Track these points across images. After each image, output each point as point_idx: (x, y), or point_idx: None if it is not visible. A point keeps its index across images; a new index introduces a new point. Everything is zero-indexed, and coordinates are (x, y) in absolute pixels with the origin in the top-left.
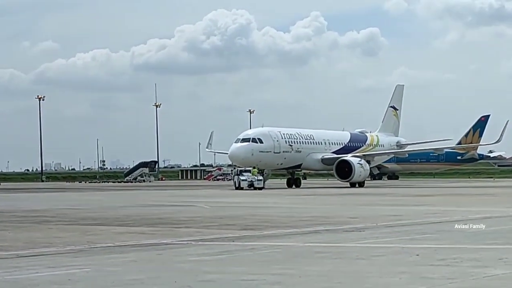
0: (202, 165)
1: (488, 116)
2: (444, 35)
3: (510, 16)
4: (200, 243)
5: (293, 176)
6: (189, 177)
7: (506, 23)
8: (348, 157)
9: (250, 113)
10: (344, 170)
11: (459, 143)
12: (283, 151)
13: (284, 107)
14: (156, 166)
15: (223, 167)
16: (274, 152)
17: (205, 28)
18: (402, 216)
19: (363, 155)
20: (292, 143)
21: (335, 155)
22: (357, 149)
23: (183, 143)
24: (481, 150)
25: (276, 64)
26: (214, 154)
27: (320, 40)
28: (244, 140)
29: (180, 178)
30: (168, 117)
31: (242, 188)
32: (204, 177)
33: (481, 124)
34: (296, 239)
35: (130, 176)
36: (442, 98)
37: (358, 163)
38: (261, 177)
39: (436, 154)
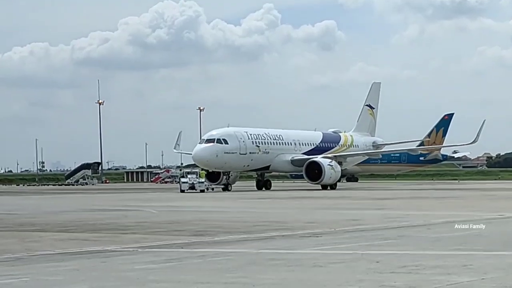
0: (149, 166)
1: (452, 114)
2: (404, 29)
3: (472, 9)
4: (147, 250)
5: (263, 178)
6: (135, 180)
7: (468, 16)
8: (318, 158)
9: (200, 111)
10: (314, 172)
11: (421, 143)
12: (250, 152)
13: (236, 105)
14: (100, 168)
15: (171, 169)
16: (240, 153)
17: (150, 20)
18: (362, 221)
19: (334, 156)
20: (259, 143)
21: (305, 156)
22: (329, 149)
23: (128, 143)
24: (444, 150)
25: (227, 59)
26: (181, 155)
27: (273, 34)
28: (208, 140)
29: (125, 180)
30: (112, 116)
31: (184, 191)
32: (151, 179)
33: (444, 122)
34: (249, 245)
35: (71, 178)
36: (402, 96)
37: (329, 165)
38: (203, 179)
39: (398, 155)
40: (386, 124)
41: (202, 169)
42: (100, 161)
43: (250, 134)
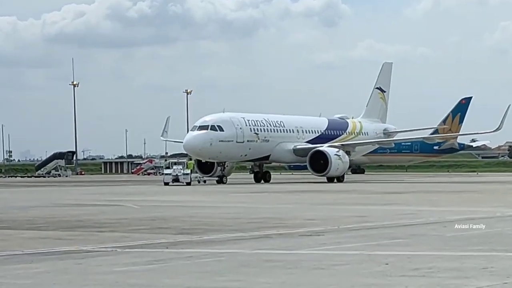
0: (130, 156)
1: (470, 98)
2: (417, 1)
3: None
4: (127, 250)
5: (261, 170)
6: (114, 171)
7: None
8: (324, 147)
9: (187, 94)
10: (319, 163)
11: (436, 131)
12: (248, 141)
13: (228, 87)
14: (74, 158)
15: (155, 159)
16: (237, 142)
17: None
18: (369, 218)
19: (342, 144)
20: (258, 131)
21: (310, 145)
22: (336, 137)
23: (106, 130)
24: (462, 139)
25: (218, 35)
26: (166, 143)
27: (270, 7)
28: (201, 127)
29: (103, 172)
30: (88, 99)
31: (167, 184)
32: (132, 170)
33: (461, 107)
34: (242, 245)
35: (42, 169)
36: (414, 77)
37: (336, 155)
38: (188, 171)
39: (409, 144)
40: (397, 109)
41: (190, 159)
42: (74, 150)
43: (248, 120)
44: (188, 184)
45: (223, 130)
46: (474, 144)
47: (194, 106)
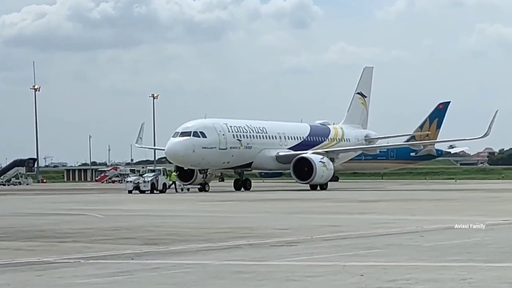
0: (94, 163)
1: (448, 103)
2: (390, 3)
3: None
4: (91, 261)
5: (242, 177)
6: (77, 179)
7: None
8: (308, 154)
9: (154, 98)
10: (303, 170)
11: (411, 138)
12: (231, 147)
13: (195, 92)
14: (35, 165)
15: (120, 166)
16: (220, 148)
17: None
18: (344, 227)
19: (326, 151)
20: (241, 137)
21: (293, 152)
22: (318, 144)
23: (69, 136)
24: (440, 145)
25: (184, 38)
26: (155, 151)
27: (238, 8)
28: (183, 134)
29: (65, 179)
30: (50, 104)
31: (131, 192)
32: (96, 178)
33: (439, 112)
34: (211, 256)
35: (2, 177)
36: (389, 81)
37: (320, 161)
38: (149, 179)
39: (385, 150)
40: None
41: (172, 170)
42: (35, 157)
43: (231, 127)
44: (150, 192)
45: (205, 137)
46: (452, 151)
47: (161, 111)
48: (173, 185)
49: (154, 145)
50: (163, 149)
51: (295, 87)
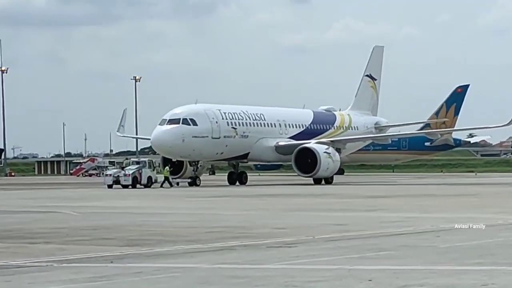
0: (68, 154)
1: (467, 86)
2: None
3: None
4: (65, 264)
5: (237, 170)
6: (49, 172)
7: None
8: (312, 143)
9: (136, 81)
10: (306, 162)
11: (426, 125)
12: (224, 136)
13: (182, 74)
14: (2, 157)
15: (97, 158)
16: (213, 138)
17: None
18: (350, 226)
19: (331, 141)
20: (236, 125)
21: (294, 141)
22: (322, 133)
23: (40, 124)
24: (458, 133)
25: (170, 14)
26: (137, 141)
27: None
28: (171, 121)
29: (36, 172)
30: (19, 88)
31: (111, 186)
32: (71, 171)
33: (457, 97)
34: (201, 258)
35: None
36: (401, 62)
37: (325, 152)
38: (131, 172)
39: (396, 140)
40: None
41: (168, 167)
42: (2, 147)
43: (225, 113)
44: (133, 186)
45: (196, 124)
46: (472, 140)
47: (144, 96)
48: (165, 182)
49: (137, 134)
50: (149, 139)
51: (296, 69)
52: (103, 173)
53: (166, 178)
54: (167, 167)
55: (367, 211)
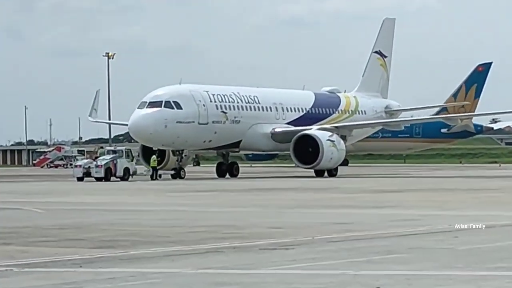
0: (31, 142)
1: (489, 64)
2: None
3: None
4: (26, 269)
5: (227, 160)
6: (8, 162)
7: None
8: (313, 130)
9: (108, 58)
10: (306, 151)
11: (443, 109)
12: (213, 122)
13: (164, 50)
14: None
15: (64, 146)
16: (199, 123)
17: None
18: (355, 225)
19: (336, 127)
20: (226, 108)
21: (293, 128)
22: (325, 118)
23: None
24: (480, 119)
25: None
26: (110, 127)
27: None
28: (152, 104)
29: None
30: None
31: (82, 179)
32: (34, 161)
33: (478, 77)
34: (183, 262)
35: None
36: (415, 37)
37: (329, 140)
38: (103, 162)
39: (408, 126)
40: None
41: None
42: None
43: (213, 95)
44: (106, 179)
45: (181, 108)
46: (495, 126)
47: (119, 76)
48: (154, 173)
49: (110, 119)
50: (126, 124)
51: (295, 45)
52: (71, 164)
53: (154, 169)
54: (154, 156)
55: (374, 208)
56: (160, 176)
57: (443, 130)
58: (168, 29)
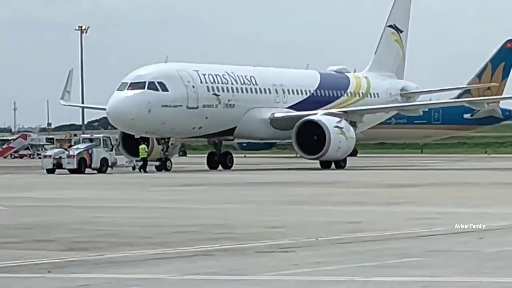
0: None
1: None
2: None
3: None
4: None
5: (219, 150)
6: None
7: None
8: (318, 115)
9: (82, 32)
10: (310, 139)
11: (466, 92)
12: (204, 105)
13: (145, 22)
14: None
15: (30, 134)
16: (188, 107)
17: None
18: (365, 224)
19: (344, 112)
20: (219, 90)
21: (295, 113)
22: (332, 101)
23: None
24: (508, 102)
25: None
26: (83, 112)
27: None
28: (134, 85)
29: None
30: None
31: (53, 171)
32: None
33: (506, 54)
34: (168, 267)
35: None
36: (434, 8)
37: (336, 127)
38: (75, 152)
39: (426, 110)
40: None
41: (141, 143)
42: None
43: (204, 75)
44: (79, 171)
45: (167, 90)
46: None
47: (93, 52)
48: (144, 165)
49: (83, 102)
50: (103, 109)
51: (296, 18)
52: (38, 154)
53: (144, 160)
54: (143, 145)
55: (387, 205)
56: (145, 169)
57: (465, 116)
58: None
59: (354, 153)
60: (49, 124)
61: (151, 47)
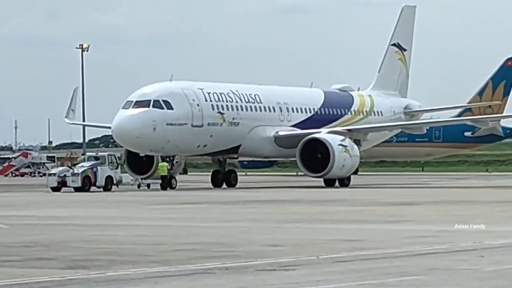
0: None
1: None
2: None
3: None
4: None
5: (224, 168)
6: None
7: None
8: (322, 133)
9: (83, 50)
10: (314, 157)
11: (466, 110)
12: (208, 124)
13: (149, 41)
14: None
15: (31, 152)
16: (193, 125)
17: None
18: (366, 243)
19: (348, 130)
20: (223, 109)
21: (299, 131)
22: (336, 119)
23: None
24: (509, 121)
25: None
26: (85, 130)
27: None
28: (139, 103)
29: None
30: None
31: (58, 190)
32: None
33: (507, 72)
34: (168, 285)
35: None
36: (437, 27)
37: (341, 145)
38: (80, 170)
39: (427, 129)
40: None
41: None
42: None
43: (208, 94)
44: (84, 189)
45: (172, 108)
46: None
47: (95, 70)
48: (166, 181)
49: (84, 120)
50: (108, 127)
51: (301, 37)
52: (39, 172)
53: (164, 179)
54: (164, 163)
55: (388, 223)
56: (148, 185)
57: (466, 134)
58: (154, 16)
59: (355, 171)
60: (50, 142)
61: (155, 66)
